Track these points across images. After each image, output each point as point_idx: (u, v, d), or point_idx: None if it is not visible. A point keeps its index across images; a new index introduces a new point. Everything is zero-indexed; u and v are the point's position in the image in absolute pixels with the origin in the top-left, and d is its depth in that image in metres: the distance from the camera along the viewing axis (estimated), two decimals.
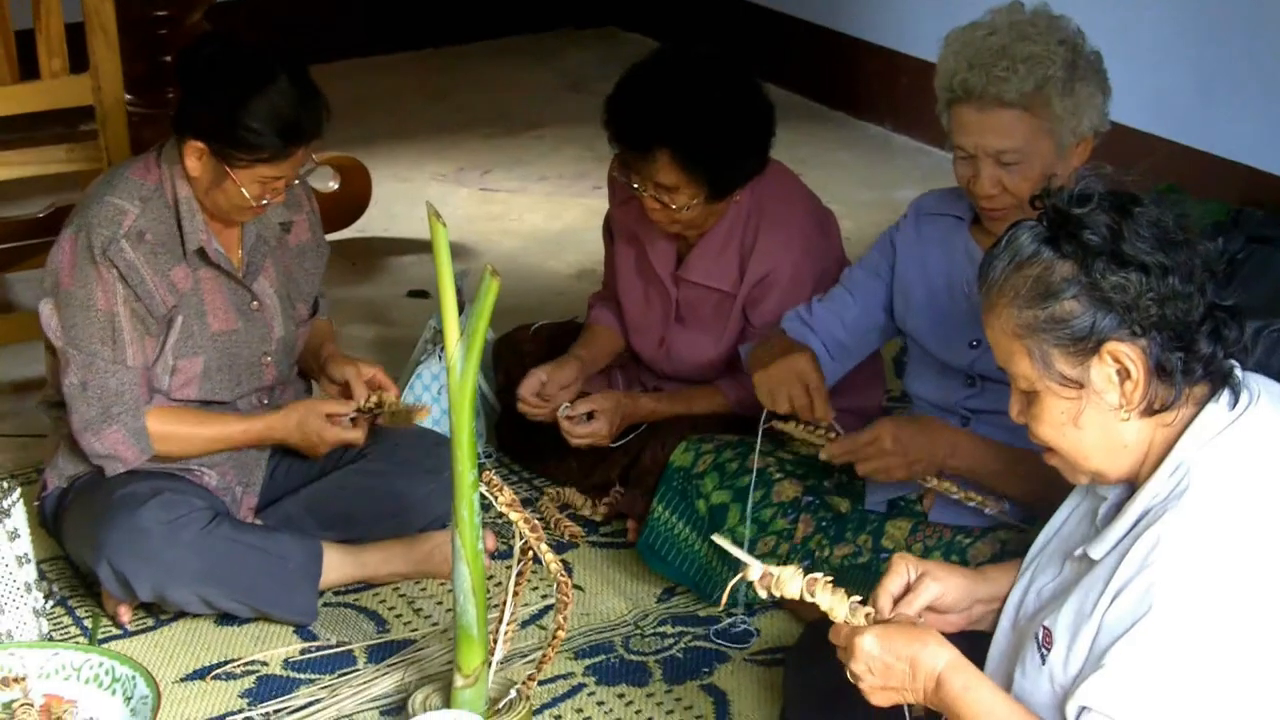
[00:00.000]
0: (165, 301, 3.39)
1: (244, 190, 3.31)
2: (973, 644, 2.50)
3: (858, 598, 2.48)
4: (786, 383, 3.28)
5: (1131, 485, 2.35)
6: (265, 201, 3.36)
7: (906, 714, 2.45)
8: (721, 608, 3.36)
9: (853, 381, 3.56)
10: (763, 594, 2.48)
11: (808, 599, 2.45)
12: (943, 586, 2.55)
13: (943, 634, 2.41)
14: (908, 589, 2.54)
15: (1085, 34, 3.10)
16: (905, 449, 3.13)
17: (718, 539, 2.56)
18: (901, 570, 2.56)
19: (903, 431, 3.15)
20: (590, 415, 3.77)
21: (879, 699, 2.41)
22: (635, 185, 3.62)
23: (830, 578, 2.47)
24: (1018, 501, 3.11)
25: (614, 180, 3.92)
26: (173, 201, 3.40)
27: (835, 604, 2.45)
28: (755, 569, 2.47)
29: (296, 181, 3.44)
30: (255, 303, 3.52)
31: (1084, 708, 2.22)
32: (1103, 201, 2.30)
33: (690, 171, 3.53)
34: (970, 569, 2.64)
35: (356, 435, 3.54)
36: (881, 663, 2.37)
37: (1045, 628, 2.35)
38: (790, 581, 2.45)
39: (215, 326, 3.47)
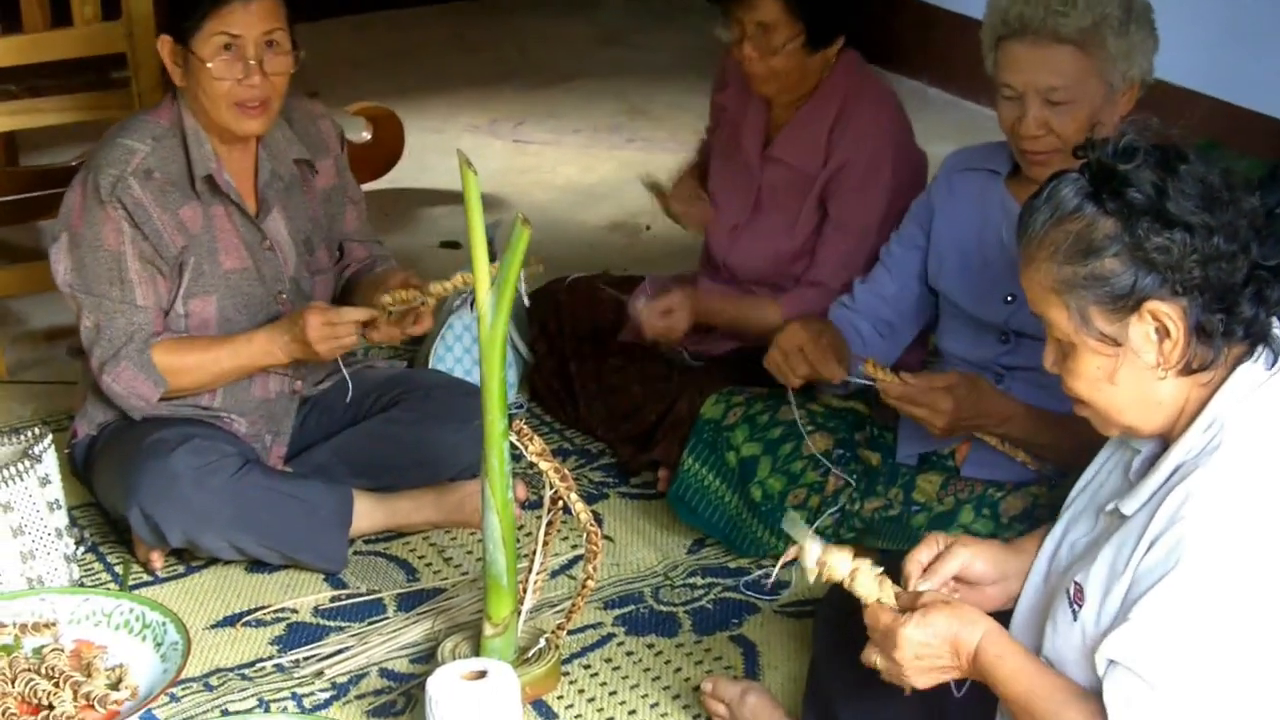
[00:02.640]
0: (174, 241, 3.38)
1: (210, 67, 3.29)
2: (1008, 620, 2.51)
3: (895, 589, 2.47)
4: (787, 358, 3.27)
5: (1165, 440, 2.33)
6: (245, 86, 3.31)
7: (953, 690, 2.44)
8: (771, 581, 3.37)
9: None
10: (810, 579, 2.47)
11: (848, 586, 2.44)
12: (972, 553, 2.54)
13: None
14: (937, 560, 2.53)
15: None
16: (958, 408, 3.11)
17: (788, 525, 2.53)
18: (931, 543, 2.55)
19: (964, 392, 3.12)
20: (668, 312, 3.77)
21: (922, 681, 2.40)
22: (736, 35, 3.64)
23: (881, 569, 2.46)
24: (1058, 463, 3.09)
25: (722, 65, 3.93)
26: (182, 135, 3.39)
27: (872, 591, 2.44)
28: (812, 551, 2.46)
29: (283, 69, 3.36)
30: (267, 242, 3.51)
31: (1111, 661, 2.20)
32: (1148, 157, 2.25)
33: (791, 6, 3.57)
34: (1001, 541, 2.62)
35: (346, 332, 3.39)
36: (927, 647, 2.36)
37: (1076, 583, 2.33)
38: (839, 566, 2.44)
39: (227, 265, 3.46)
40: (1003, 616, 2.47)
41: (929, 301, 3.44)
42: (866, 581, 2.45)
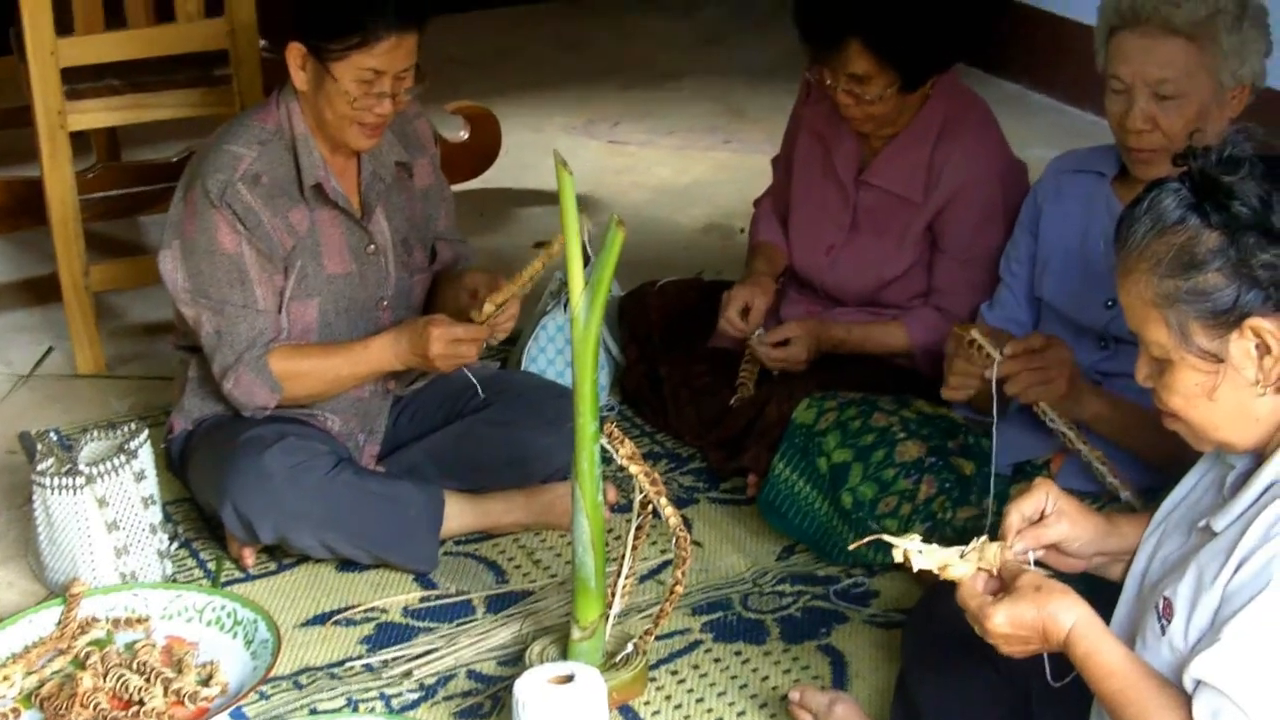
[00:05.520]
0: (284, 243, 3.40)
1: (346, 90, 3.30)
2: (1093, 588, 2.48)
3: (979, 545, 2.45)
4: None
5: (1260, 456, 2.29)
6: (375, 113, 3.34)
7: (1046, 668, 2.41)
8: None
9: None
10: (898, 557, 2.45)
11: (943, 575, 2.43)
12: (1074, 530, 2.51)
13: (1063, 575, 2.39)
14: (1041, 518, 2.50)
15: None
16: (1061, 373, 3.07)
17: (889, 539, 2.51)
18: (1041, 497, 2.51)
19: (1074, 373, 3.09)
20: (786, 342, 3.76)
21: (1016, 651, 2.38)
22: (829, 82, 3.60)
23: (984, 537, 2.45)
24: (1150, 463, 3.05)
25: (806, 80, 3.89)
26: (290, 140, 3.41)
27: (966, 571, 2.42)
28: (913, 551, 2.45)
29: (409, 97, 3.39)
30: (371, 245, 3.52)
31: (1199, 681, 2.17)
32: (1254, 168, 2.21)
33: (883, 58, 3.53)
34: (1104, 517, 2.58)
35: (469, 349, 3.41)
36: (1016, 631, 2.33)
37: (1165, 598, 2.31)
38: (933, 556, 2.43)
39: (331, 269, 3.48)
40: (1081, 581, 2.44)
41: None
42: (959, 568, 2.42)
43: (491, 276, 3.52)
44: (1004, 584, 2.39)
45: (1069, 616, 2.30)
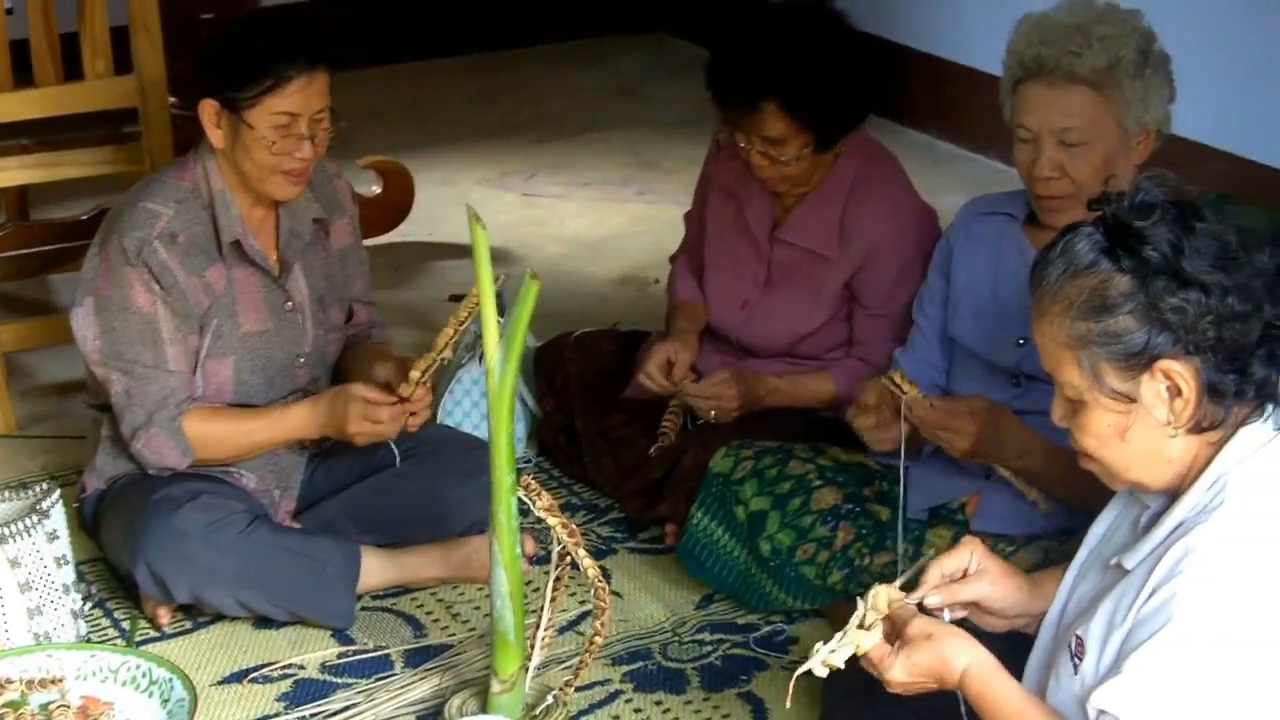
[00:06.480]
0: (200, 303, 3.39)
1: (263, 136, 3.30)
2: (1013, 646, 2.51)
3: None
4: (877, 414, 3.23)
5: (1173, 495, 2.32)
6: (296, 158, 3.33)
7: (962, 711, 2.43)
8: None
9: None
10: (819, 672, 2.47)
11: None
12: (995, 589, 2.53)
13: (986, 633, 2.43)
14: (964, 575, 2.52)
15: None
16: (980, 433, 3.08)
17: (800, 670, 2.51)
18: (964, 555, 2.54)
19: (988, 418, 3.11)
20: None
21: (917, 694, 2.41)
22: (743, 144, 3.62)
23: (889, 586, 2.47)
24: (1070, 502, 3.08)
25: (717, 139, 3.91)
26: (208, 198, 3.40)
27: (866, 640, 2.44)
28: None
29: (328, 138, 3.39)
30: (289, 303, 3.51)
31: (1101, 711, 2.21)
32: (1165, 213, 2.25)
33: (798, 120, 3.55)
34: (1029, 579, 2.60)
35: (389, 429, 3.40)
36: (913, 683, 2.38)
37: (1078, 636, 2.34)
38: (843, 649, 2.45)
39: (247, 327, 3.46)
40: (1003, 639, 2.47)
41: None
42: (869, 639, 2.44)
43: (400, 363, 3.50)
44: (896, 631, 2.42)
45: (963, 658, 2.35)
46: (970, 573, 2.53)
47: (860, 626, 2.45)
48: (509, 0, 7.44)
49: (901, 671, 2.37)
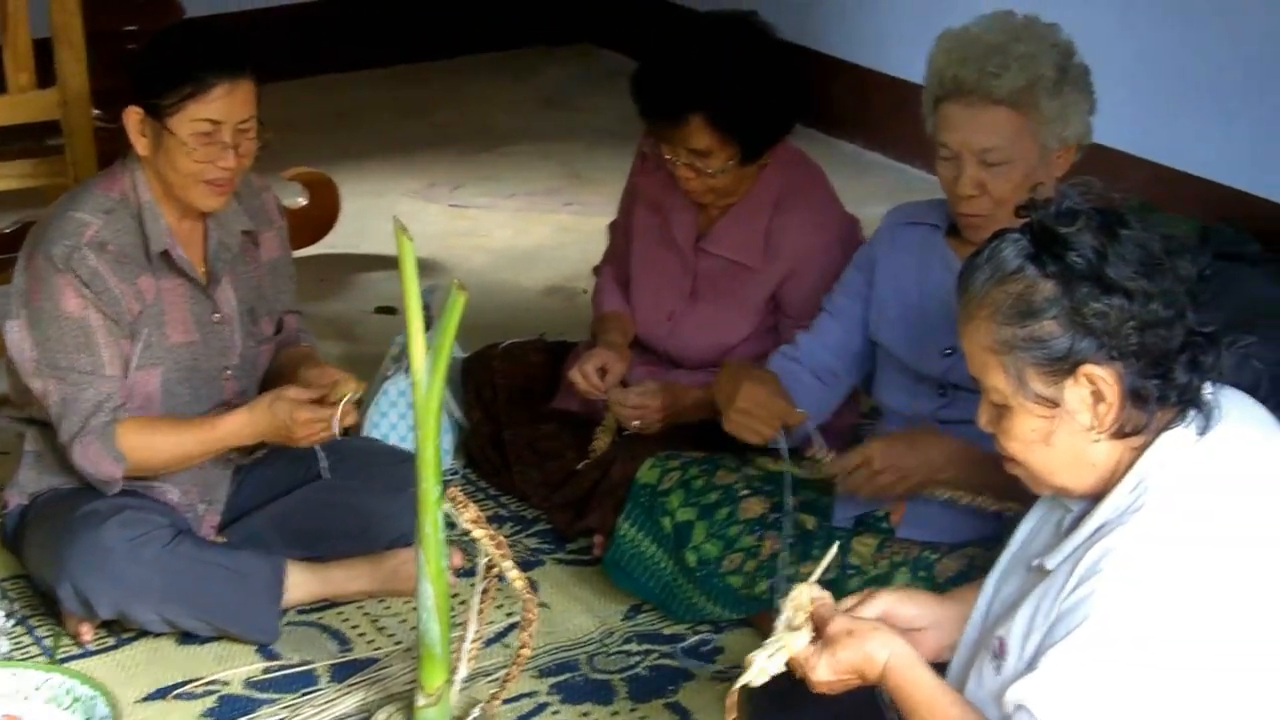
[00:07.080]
0: (131, 309, 3.36)
1: (185, 143, 3.28)
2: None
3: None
4: (750, 416, 3.27)
5: (1097, 499, 2.35)
6: (219, 167, 3.31)
7: (884, 704, 2.44)
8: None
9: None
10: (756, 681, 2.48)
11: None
12: (897, 598, 2.56)
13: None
14: (858, 605, 2.55)
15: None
16: (899, 467, 3.12)
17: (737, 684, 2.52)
18: (862, 595, 2.58)
19: (893, 449, 3.14)
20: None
21: (841, 691, 2.44)
22: (668, 156, 3.62)
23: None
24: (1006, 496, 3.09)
25: (642, 150, 3.91)
26: (136, 208, 3.38)
27: (794, 642, 2.46)
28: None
29: (253, 148, 3.38)
30: (217, 314, 3.49)
31: (1018, 705, 2.23)
32: (1090, 220, 2.28)
33: (724, 133, 3.55)
34: (942, 595, 2.63)
35: (328, 432, 3.36)
36: (837, 682, 2.41)
37: (999, 638, 2.36)
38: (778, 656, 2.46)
39: (174, 338, 3.44)
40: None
41: (871, 351, 3.45)
42: (798, 641, 2.45)
43: (320, 370, 3.47)
44: (817, 631, 2.44)
45: (883, 653, 2.38)
46: (864, 599, 2.56)
47: (789, 628, 2.46)
48: (436, 11, 7.41)
49: (826, 670, 2.40)
